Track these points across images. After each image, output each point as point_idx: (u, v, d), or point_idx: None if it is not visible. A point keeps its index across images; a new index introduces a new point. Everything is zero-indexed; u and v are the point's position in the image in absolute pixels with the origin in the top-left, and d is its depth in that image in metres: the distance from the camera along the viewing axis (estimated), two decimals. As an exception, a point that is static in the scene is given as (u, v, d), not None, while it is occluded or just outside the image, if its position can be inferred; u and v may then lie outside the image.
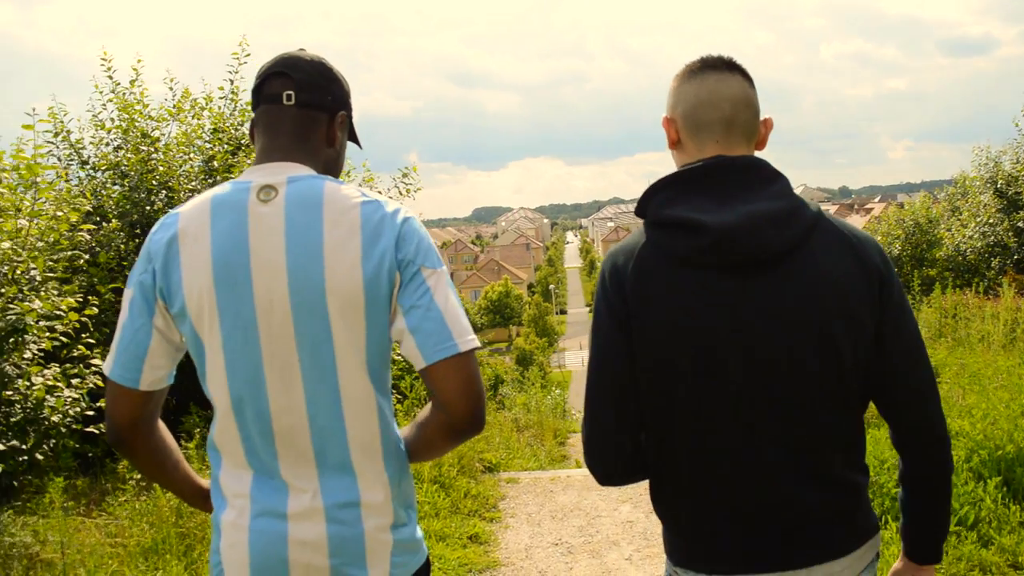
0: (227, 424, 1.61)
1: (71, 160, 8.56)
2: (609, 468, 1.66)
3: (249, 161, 8.40)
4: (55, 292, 5.30)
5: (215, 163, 8.37)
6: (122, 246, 7.89)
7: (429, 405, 1.64)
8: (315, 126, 1.69)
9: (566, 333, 75.12)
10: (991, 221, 16.69)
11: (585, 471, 6.67)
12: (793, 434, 1.54)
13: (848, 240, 1.57)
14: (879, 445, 4.73)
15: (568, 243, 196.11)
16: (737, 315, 1.51)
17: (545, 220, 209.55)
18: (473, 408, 1.56)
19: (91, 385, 5.26)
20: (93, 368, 5.40)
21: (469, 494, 5.74)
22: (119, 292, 7.12)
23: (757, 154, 1.67)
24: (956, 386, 5.83)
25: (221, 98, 9.15)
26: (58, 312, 5.18)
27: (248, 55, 9.01)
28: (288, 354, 1.55)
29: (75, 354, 5.39)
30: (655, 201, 1.61)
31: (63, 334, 5.22)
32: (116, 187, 8.30)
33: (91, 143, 8.70)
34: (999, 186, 16.56)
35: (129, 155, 8.22)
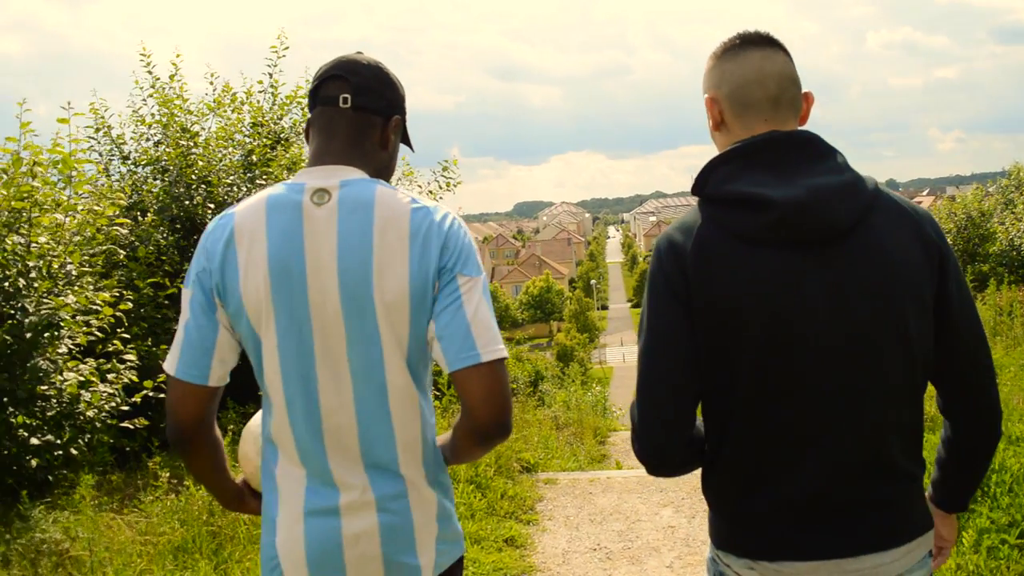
0: (282, 420, 1.65)
1: (112, 155, 8.61)
2: (662, 455, 1.60)
3: (288, 155, 8.36)
4: (91, 287, 5.28)
5: (253, 157, 8.34)
6: (161, 241, 7.89)
7: (460, 415, 1.66)
8: (370, 129, 1.72)
9: (607, 329, 74.78)
10: (1049, 214, 16.17)
11: (626, 473, 6.53)
12: (857, 419, 1.50)
13: (907, 214, 1.55)
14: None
15: (610, 238, 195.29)
16: (804, 293, 1.48)
17: (587, 214, 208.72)
18: (496, 416, 1.58)
19: (126, 380, 5.23)
20: (128, 363, 5.37)
21: (506, 495, 5.60)
22: (158, 287, 7.19)
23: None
24: (1017, 388, 5.55)
25: (260, 92, 9.15)
26: (94, 307, 5.15)
27: (287, 48, 8.98)
28: (339, 353, 1.60)
29: (110, 349, 5.35)
30: (715, 177, 1.57)
31: (99, 329, 5.19)
32: (156, 182, 8.32)
33: (132, 138, 8.73)
34: (1058, 178, 16.01)
35: (168, 150, 8.22)
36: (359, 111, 1.70)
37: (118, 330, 5.44)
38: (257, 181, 8.02)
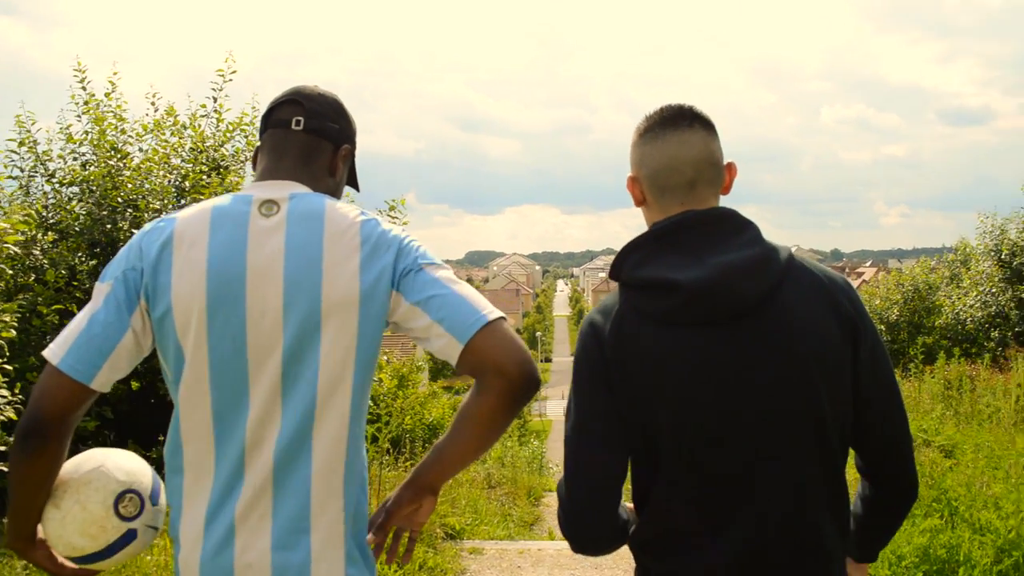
0: (202, 440, 1.57)
1: (35, 172, 8.05)
2: (589, 535, 1.63)
3: (224, 183, 7.92)
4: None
5: (187, 183, 7.87)
6: (79, 265, 7.36)
7: (472, 390, 1.57)
8: (319, 153, 1.73)
9: (550, 381, 74.38)
10: (993, 291, 16.36)
11: (558, 544, 6.10)
12: (772, 490, 1.52)
13: (821, 284, 1.57)
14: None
15: (558, 291, 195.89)
16: (714, 369, 1.50)
17: (537, 267, 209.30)
18: (524, 364, 1.52)
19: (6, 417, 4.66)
20: (9, 396, 4.81)
21: (425, 566, 5.12)
22: (65, 315, 6.67)
23: (723, 200, 1.68)
24: (976, 470, 5.29)
25: (203, 116, 8.70)
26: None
27: (234, 72, 8.58)
28: (273, 366, 1.54)
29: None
30: (628, 262, 1.61)
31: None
32: (79, 203, 7.79)
33: (58, 155, 8.21)
34: (1003, 255, 16.25)
35: (95, 169, 7.72)
36: (310, 133, 1.72)
37: None
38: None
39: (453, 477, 1.80)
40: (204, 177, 7.92)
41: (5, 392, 4.71)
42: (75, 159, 8.16)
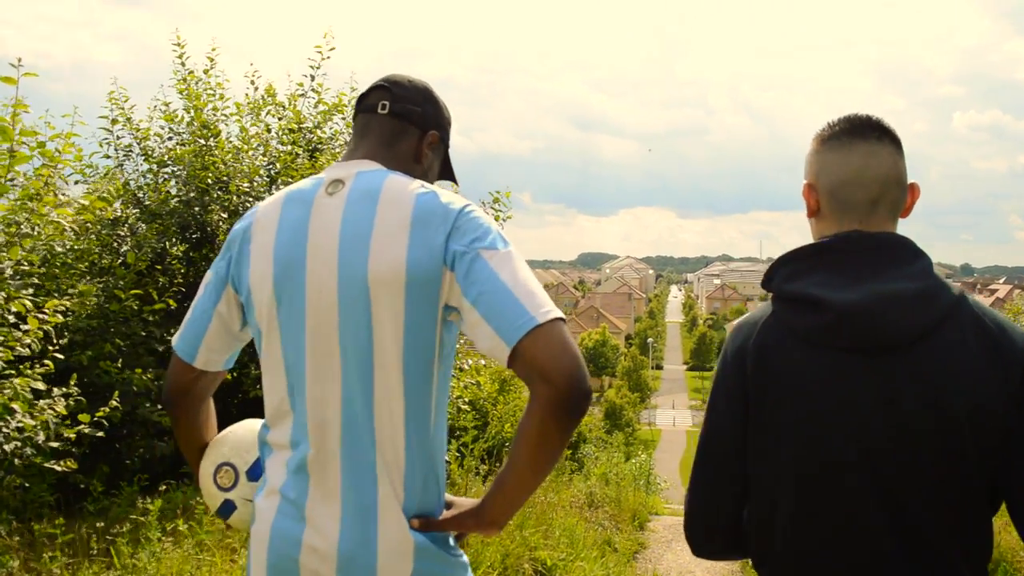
0: (282, 416, 1.62)
1: (128, 152, 7.72)
2: (705, 544, 1.65)
3: (315, 167, 7.44)
4: (30, 291, 4.28)
5: (277, 164, 7.41)
6: (169, 248, 7.00)
7: (528, 401, 1.46)
8: (403, 136, 1.73)
9: (660, 389, 72.80)
10: None
11: (665, 592, 5.26)
12: (907, 534, 1.42)
13: (988, 329, 1.44)
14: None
15: (672, 297, 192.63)
16: (853, 401, 1.44)
17: (650, 271, 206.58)
18: (573, 375, 1.41)
19: (53, 414, 4.17)
20: (64, 389, 4.36)
21: (509, 611, 4.40)
22: (147, 300, 6.32)
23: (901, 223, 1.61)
24: None
25: (300, 95, 8.25)
26: (40, 315, 4.19)
27: (332, 49, 8.08)
28: (330, 345, 1.55)
29: (39, 370, 4.31)
30: (780, 274, 1.56)
31: (29, 344, 4.19)
32: (173, 184, 7.45)
33: (156, 134, 7.89)
34: None
35: (186, 148, 7.36)
36: (395, 116, 1.71)
37: (49, 347, 4.39)
38: (274, 191, 7.07)
39: (519, 509, 1.69)
40: (294, 159, 7.44)
41: (41, 385, 4.16)
42: (170, 138, 7.85)
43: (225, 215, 7.04)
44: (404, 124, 1.72)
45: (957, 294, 1.46)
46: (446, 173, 1.85)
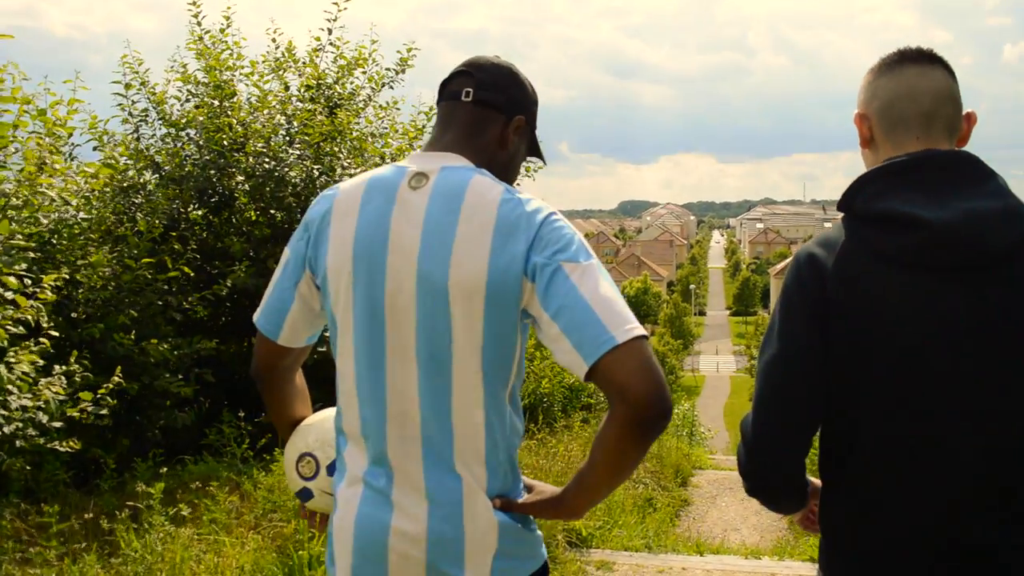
0: (350, 403, 1.63)
1: (144, 117, 7.50)
2: (774, 472, 1.57)
3: (334, 124, 7.16)
4: (24, 263, 4.07)
5: (295, 123, 7.15)
6: (189, 212, 6.81)
7: (606, 415, 1.47)
8: (488, 124, 1.69)
9: (703, 336, 72.29)
10: None
11: (706, 562, 5.02)
12: (997, 467, 1.42)
13: None
14: None
15: (714, 243, 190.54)
16: (950, 324, 1.41)
17: (692, 217, 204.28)
18: (654, 392, 1.41)
19: (52, 393, 3.98)
20: (64, 368, 4.18)
21: (540, 586, 4.14)
22: (161, 268, 6.16)
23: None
24: None
25: (318, 49, 7.95)
26: (34, 290, 4.00)
27: (349, 0, 7.75)
28: (408, 339, 1.55)
29: (34, 348, 4.11)
30: (864, 193, 1.51)
31: (25, 323, 4.00)
32: (189, 146, 7.24)
33: (174, 96, 7.67)
34: None
35: (201, 108, 7.12)
36: (479, 104, 1.67)
37: (43, 324, 4.20)
38: (291, 151, 6.81)
39: (599, 503, 1.79)
40: (314, 116, 7.16)
41: (29, 368, 3.96)
42: (188, 100, 7.62)
43: (242, 177, 6.82)
44: (489, 111, 1.68)
45: None
46: (533, 151, 1.82)
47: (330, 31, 7.85)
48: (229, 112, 6.99)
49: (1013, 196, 1.46)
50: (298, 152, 6.75)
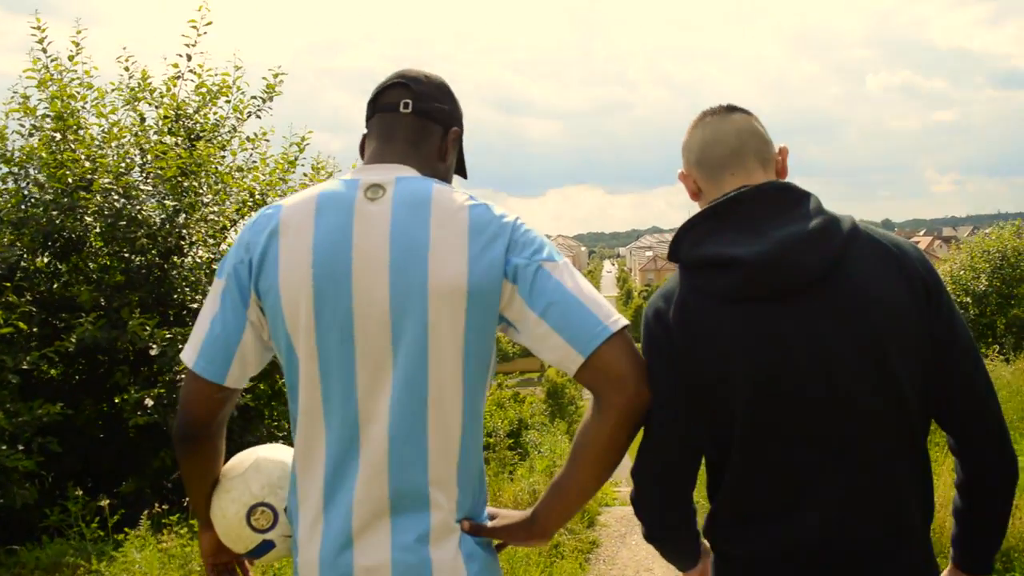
0: (315, 433, 1.55)
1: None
2: (660, 520, 1.66)
3: (192, 157, 6.52)
4: None
5: (148, 156, 6.48)
6: (26, 262, 6.03)
7: (590, 410, 1.52)
8: (429, 136, 1.68)
9: (600, 365, 72.74)
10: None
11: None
12: (851, 466, 1.48)
13: (888, 251, 1.52)
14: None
15: (605, 272, 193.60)
16: (784, 344, 1.47)
17: (583, 248, 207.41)
18: (643, 378, 1.49)
19: None
20: None
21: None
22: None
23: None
24: None
25: (176, 76, 7.30)
26: None
27: (208, 24, 7.15)
28: (382, 357, 1.51)
29: None
30: (686, 242, 1.58)
31: None
32: (25, 186, 6.46)
33: (16, 132, 6.88)
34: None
35: (43, 142, 6.37)
36: (419, 116, 1.66)
37: None
38: (143, 187, 6.14)
39: (573, 516, 1.71)
40: (171, 149, 6.51)
41: None
42: (31, 135, 6.84)
43: (90, 219, 6.10)
44: (428, 123, 1.67)
45: (851, 223, 1.51)
46: (459, 167, 1.80)
47: (189, 57, 7.22)
48: (74, 146, 6.27)
49: (826, 213, 1.51)
50: (150, 188, 6.07)
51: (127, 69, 7.50)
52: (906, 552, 1.52)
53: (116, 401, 5.99)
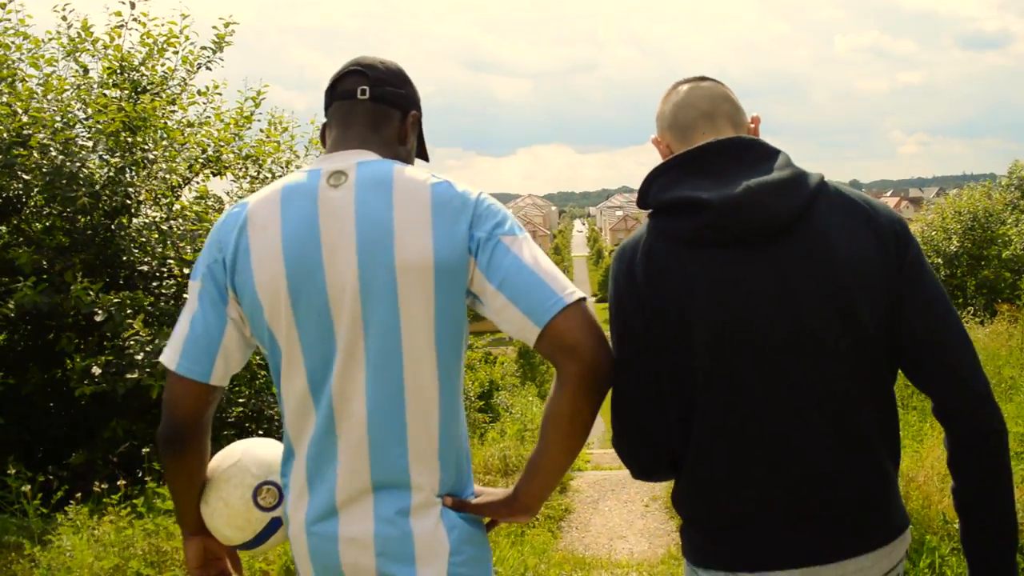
0: (302, 417, 1.59)
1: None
2: (642, 466, 1.65)
3: (136, 111, 6.13)
4: None
5: (89, 109, 6.07)
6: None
7: (552, 387, 1.53)
8: (388, 121, 1.70)
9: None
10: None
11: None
12: (819, 412, 1.48)
13: (856, 205, 1.53)
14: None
15: (576, 231, 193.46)
16: (748, 290, 1.48)
17: (553, 208, 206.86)
18: (602, 347, 1.51)
19: None
20: None
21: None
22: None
23: None
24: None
25: (119, 26, 6.86)
26: None
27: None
28: (355, 339, 1.53)
29: None
30: (655, 187, 1.60)
31: None
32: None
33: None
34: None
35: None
36: (377, 102, 1.69)
37: None
38: (81, 142, 5.76)
39: (552, 492, 1.65)
40: (116, 103, 6.11)
41: None
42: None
43: (28, 176, 5.72)
44: (386, 108, 1.69)
45: (820, 178, 1.53)
46: (420, 151, 1.83)
47: (133, 4, 6.77)
48: (8, 99, 5.85)
49: (794, 167, 1.52)
50: (90, 144, 5.68)
51: (64, 19, 7.05)
52: (882, 499, 1.53)
53: (64, 369, 5.67)
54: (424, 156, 1.84)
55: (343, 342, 1.53)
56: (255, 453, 1.75)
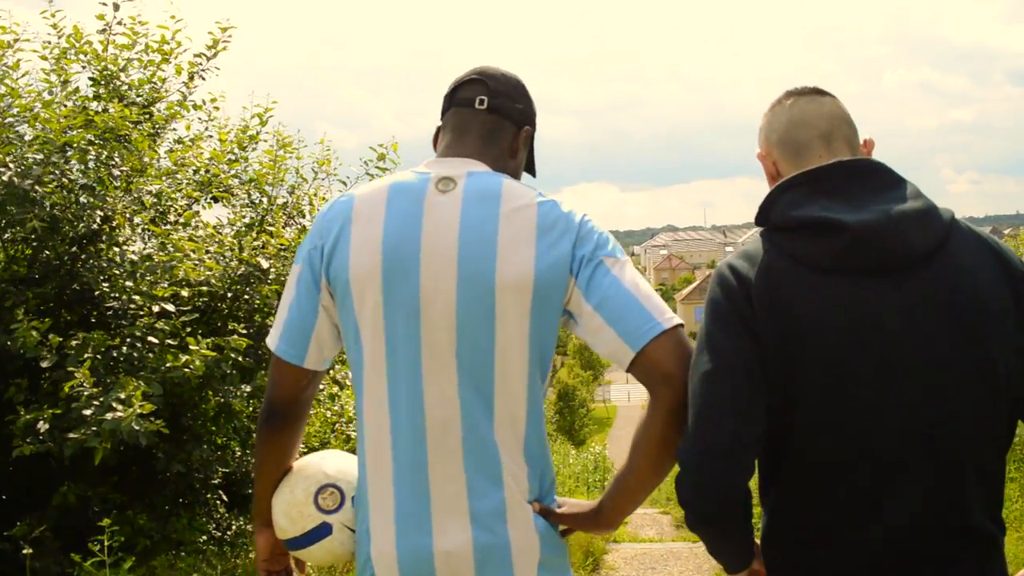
0: (380, 419, 1.57)
1: None
2: (717, 490, 1.44)
3: (113, 118, 5.31)
4: None
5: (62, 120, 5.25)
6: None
7: (647, 407, 1.52)
8: (502, 133, 1.70)
9: (613, 365, 71.75)
10: None
11: None
12: (932, 462, 1.39)
13: (988, 244, 1.48)
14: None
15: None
16: (877, 323, 1.39)
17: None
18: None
19: None
20: None
21: None
22: None
23: None
24: None
25: (101, 31, 6.05)
26: None
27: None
28: (447, 341, 1.53)
29: None
30: (780, 203, 1.51)
31: None
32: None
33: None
34: None
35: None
36: (493, 113, 1.70)
37: None
38: (30, 155, 4.91)
39: (637, 507, 1.65)
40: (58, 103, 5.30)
41: None
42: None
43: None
44: (501, 120, 1.70)
45: (951, 213, 1.47)
46: (528, 165, 1.82)
47: (116, 7, 5.96)
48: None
49: (926, 198, 1.46)
50: (40, 157, 4.83)
51: (55, 25, 6.29)
52: (985, 557, 1.43)
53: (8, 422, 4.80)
54: (532, 171, 1.84)
55: (433, 345, 1.53)
56: (336, 458, 1.77)
